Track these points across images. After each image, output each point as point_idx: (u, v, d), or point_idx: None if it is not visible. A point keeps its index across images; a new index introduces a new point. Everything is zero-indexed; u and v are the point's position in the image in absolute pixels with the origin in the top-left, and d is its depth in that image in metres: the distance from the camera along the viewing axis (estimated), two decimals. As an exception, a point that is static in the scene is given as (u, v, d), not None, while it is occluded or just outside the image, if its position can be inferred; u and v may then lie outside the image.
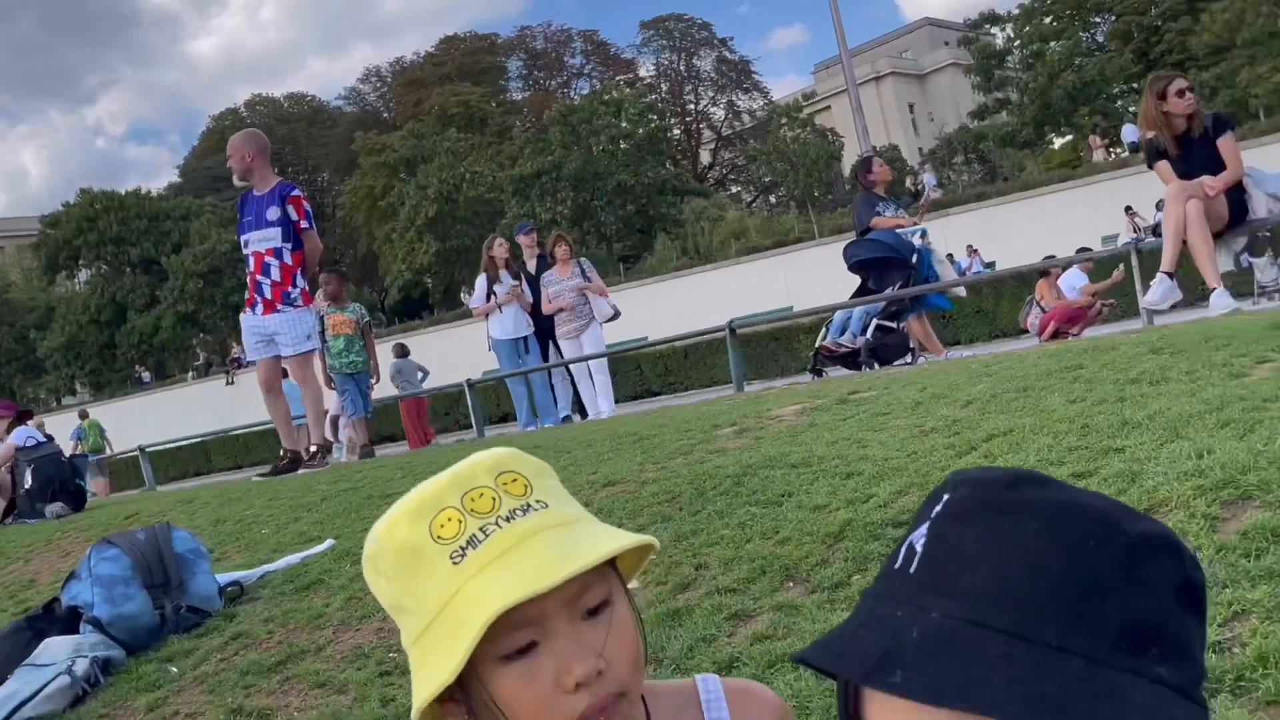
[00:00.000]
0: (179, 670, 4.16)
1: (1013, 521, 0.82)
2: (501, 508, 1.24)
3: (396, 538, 1.26)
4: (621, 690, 1.24)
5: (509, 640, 1.20)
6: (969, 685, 0.75)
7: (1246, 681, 1.96)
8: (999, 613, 0.78)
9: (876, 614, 0.84)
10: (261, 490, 7.88)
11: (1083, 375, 4.57)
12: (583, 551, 1.20)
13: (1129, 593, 0.79)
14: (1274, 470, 2.64)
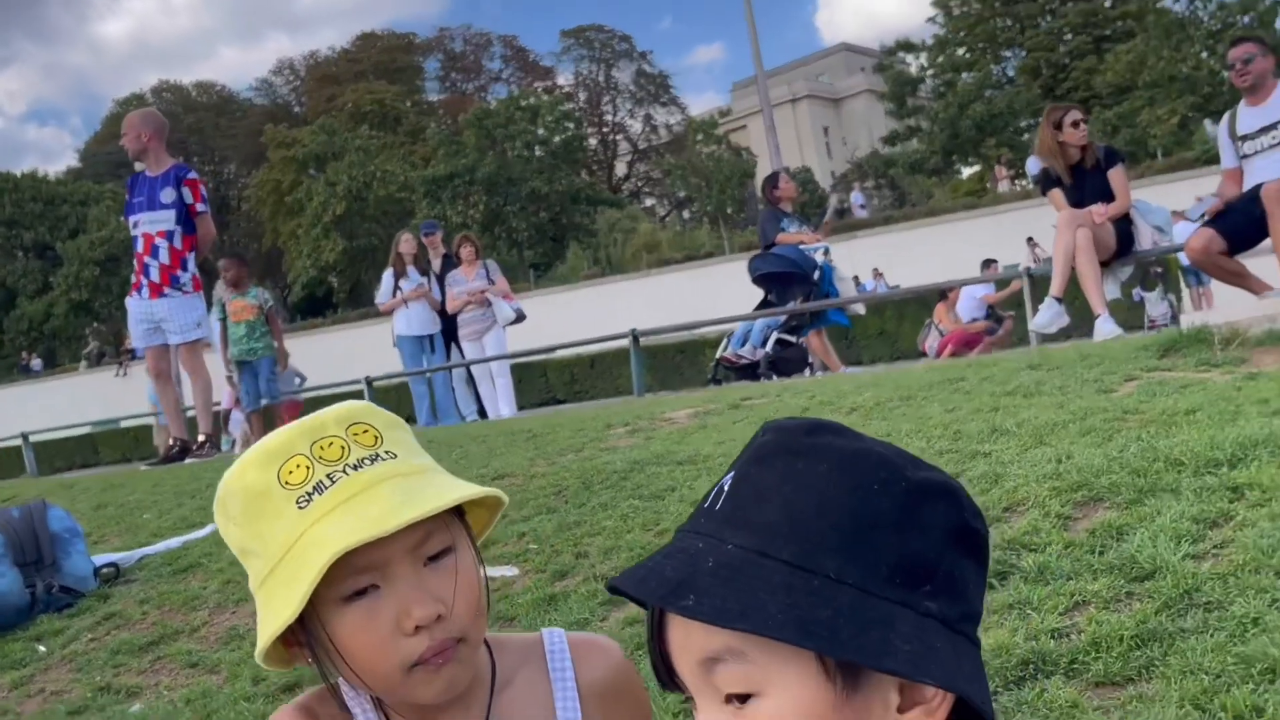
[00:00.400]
0: (48, 649, 4.08)
1: (806, 464, 0.89)
2: (350, 456, 1.27)
3: (245, 482, 1.28)
4: (461, 635, 1.28)
5: (350, 582, 1.23)
6: (749, 609, 0.82)
7: (1079, 664, 2.06)
8: (785, 545, 0.85)
9: (680, 546, 0.90)
10: (146, 478, 7.73)
11: (963, 387, 4.72)
12: (427, 499, 1.24)
13: (905, 532, 0.86)
14: (1125, 474, 2.77)
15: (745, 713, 0.86)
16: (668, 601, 0.86)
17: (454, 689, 1.31)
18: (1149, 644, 2.04)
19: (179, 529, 5.29)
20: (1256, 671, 1.85)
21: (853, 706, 0.85)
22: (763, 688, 0.85)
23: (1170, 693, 1.87)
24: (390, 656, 1.25)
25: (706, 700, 0.89)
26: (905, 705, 0.87)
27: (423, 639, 1.25)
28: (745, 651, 0.85)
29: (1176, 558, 2.29)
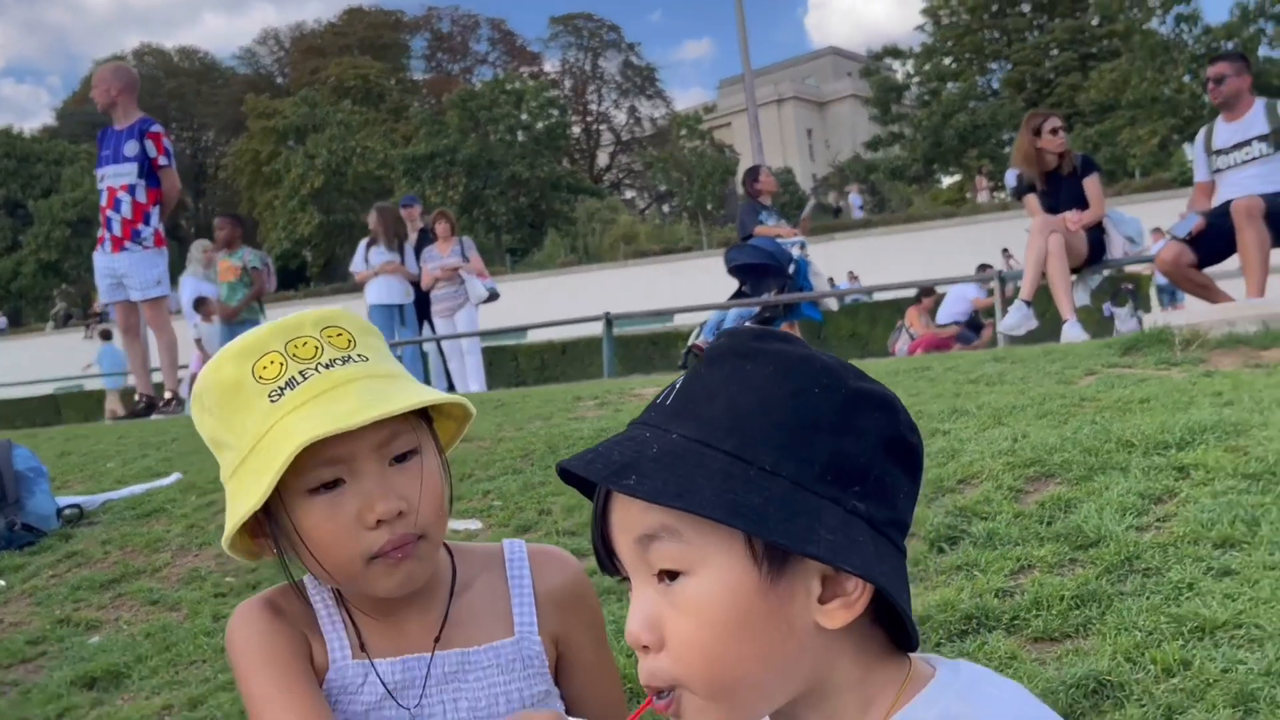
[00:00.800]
0: (8, 583, 4.09)
1: (754, 366, 0.95)
2: (323, 356, 1.33)
3: (221, 375, 1.34)
4: (422, 533, 1.34)
5: (317, 474, 1.29)
6: (686, 490, 0.89)
7: (1020, 620, 2.13)
8: (726, 437, 0.92)
9: (629, 435, 0.97)
10: (111, 431, 7.73)
11: (928, 375, 4.80)
12: (395, 399, 1.30)
13: (841, 435, 0.93)
14: (1078, 453, 2.85)
15: (674, 590, 0.93)
16: (612, 480, 0.92)
17: (411, 584, 1.36)
18: (1088, 604, 2.12)
19: (143, 478, 5.31)
20: (1187, 630, 1.92)
21: (776, 592, 0.91)
22: (693, 566, 0.91)
23: (1104, 647, 1.94)
24: (351, 547, 1.31)
25: (641, 578, 0.95)
26: (826, 596, 0.93)
27: (383, 533, 1.31)
28: (680, 531, 0.91)
29: (1120, 528, 2.37)
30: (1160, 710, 1.72)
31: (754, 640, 0.92)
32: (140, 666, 3.04)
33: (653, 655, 0.95)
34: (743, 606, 0.91)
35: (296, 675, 1.37)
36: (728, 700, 0.94)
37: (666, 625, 0.93)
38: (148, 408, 8.55)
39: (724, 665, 0.92)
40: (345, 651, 1.41)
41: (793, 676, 0.95)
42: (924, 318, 16.48)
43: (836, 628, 0.93)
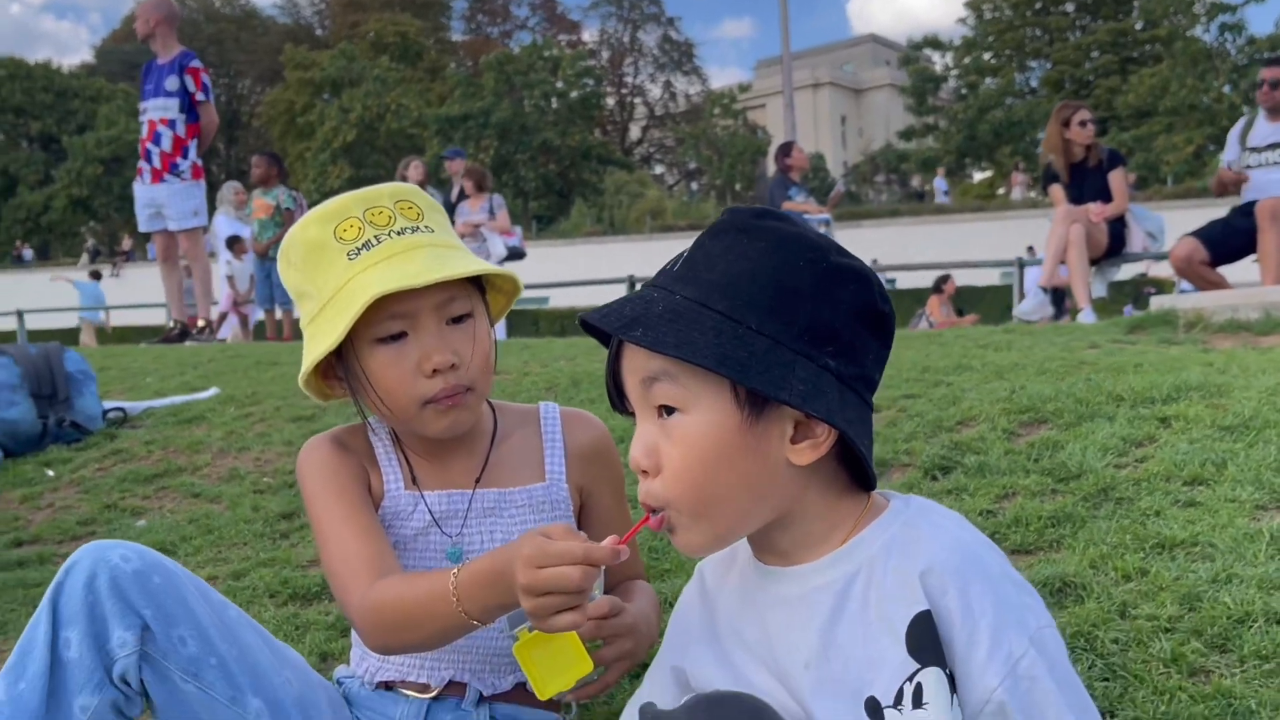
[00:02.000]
0: (56, 474, 4.34)
1: (750, 239, 1.17)
2: (395, 224, 1.56)
3: (307, 234, 1.57)
4: (470, 386, 1.56)
5: (384, 326, 1.52)
6: (684, 342, 1.11)
7: (999, 536, 2.34)
8: (720, 299, 1.14)
9: (640, 295, 1.19)
10: (147, 352, 7.99)
11: (939, 341, 5.00)
12: (455, 265, 1.53)
13: (819, 303, 1.15)
14: (1070, 402, 3.05)
15: (670, 424, 1.15)
16: (622, 331, 1.14)
17: (458, 428, 1.59)
18: (1062, 524, 2.32)
19: (181, 392, 5.55)
20: (1148, 545, 2.13)
21: (754, 431, 1.13)
22: (687, 405, 1.14)
23: (1072, 558, 2.15)
24: (409, 392, 1.54)
25: (643, 413, 1.18)
26: (797, 438, 1.15)
27: (437, 381, 1.53)
28: (677, 375, 1.14)
29: (1101, 465, 2.57)
30: (1116, 606, 1.92)
31: (733, 470, 1.14)
32: (185, 545, 3.27)
33: (650, 479, 1.17)
34: (725, 441, 1.13)
35: (355, 498, 1.60)
36: (708, 519, 1.15)
37: (662, 454, 1.15)
38: (181, 334, 8.81)
39: (707, 489, 1.14)
40: (399, 484, 1.64)
41: (766, 504, 1.16)
42: (944, 306, 16.63)
43: (804, 464, 1.15)
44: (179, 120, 8.30)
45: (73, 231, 58.36)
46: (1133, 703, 1.66)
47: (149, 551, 1.55)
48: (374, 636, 1.47)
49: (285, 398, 4.94)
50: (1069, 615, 1.92)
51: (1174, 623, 1.84)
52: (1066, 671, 1.09)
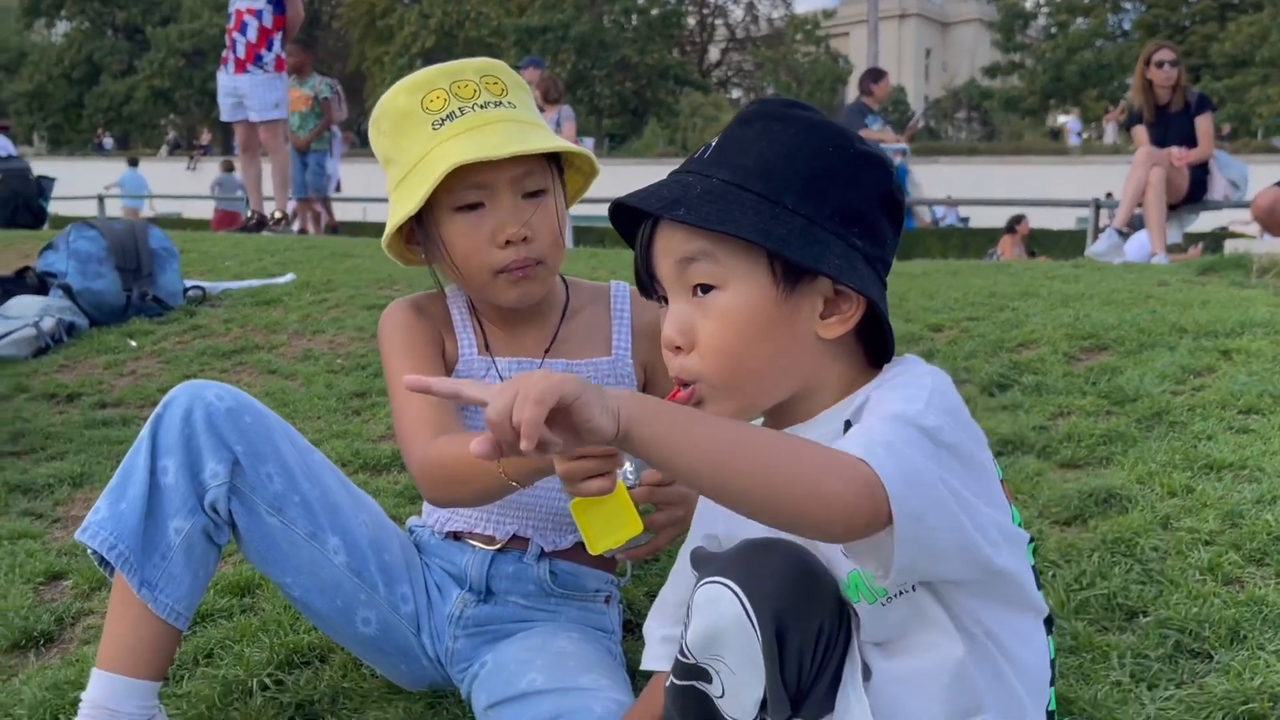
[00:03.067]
0: (139, 344, 4.51)
1: (781, 126, 1.23)
2: (480, 97, 1.62)
3: (396, 103, 1.64)
4: (540, 259, 1.63)
5: (462, 195, 1.60)
6: (726, 219, 1.17)
7: (1050, 449, 2.40)
8: (757, 181, 1.20)
9: (676, 178, 1.25)
10: (226, 238, 8.17)
11: (1009, 271, 5.00)
12: (533, 141, 1.60)
13: (847, 186, 1.21)
14: (1133, 331, 3.07)
15: (706, 301, 1.21)
16: (664, 210, 1.19)
17: (528, 299, 1.67)
18: (1114, 442, 2.37)
19: (259, 276, 5.70)
20: (1196, 466, 2.18)
21: (788, 306, 1.19)
22: (724, 282, 1.20)
23: (1120, 473, 2.20)
24: (483, 260, 1.61)
25: (677, 294, 1.23)
26: (826, 314, 1.21)
27: (510, 252, 1.61)
28: (715, 254, 1.19)
29: (1158, 390, 2.61)
30: (1158, 518, 1.98)
31: (766, 344, 1.20)
32: (261, 415, 3.41)
33: (683, 355, 1.22)
34: (761, 315, 1.19)
35: (425, 360, 1.68)
36: (739, 391, 1.21)
37: (697, 329, 1.20)
38: (259, 224, 8.97)
39: (740, 362, 1.20)
40: (473, 349, 1.72)
41: (792, 377, 1.23)
42: (1017, 247, 16.42)
43: (832, 339, 1.21)
44: (266, 11, 8.37)
45: (153, 123, 58.98)
46: (1166, 604, 1.72)
47: (241, 393, 1.66)
48: (429, 490, 1.56)
49: (359, 287, 5.06)
50: (1111, 524, 1.98)
51: (1214, 536, 1.90)
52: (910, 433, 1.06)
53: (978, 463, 1.12)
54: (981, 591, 1.13)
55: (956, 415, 1.11)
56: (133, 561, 1.55)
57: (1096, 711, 1.46)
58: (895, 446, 1.02)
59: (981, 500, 1.09)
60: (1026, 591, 1.18)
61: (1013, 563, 1.13)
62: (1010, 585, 1.15)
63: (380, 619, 1.67)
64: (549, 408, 0.98)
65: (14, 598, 2.35)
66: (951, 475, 1.05)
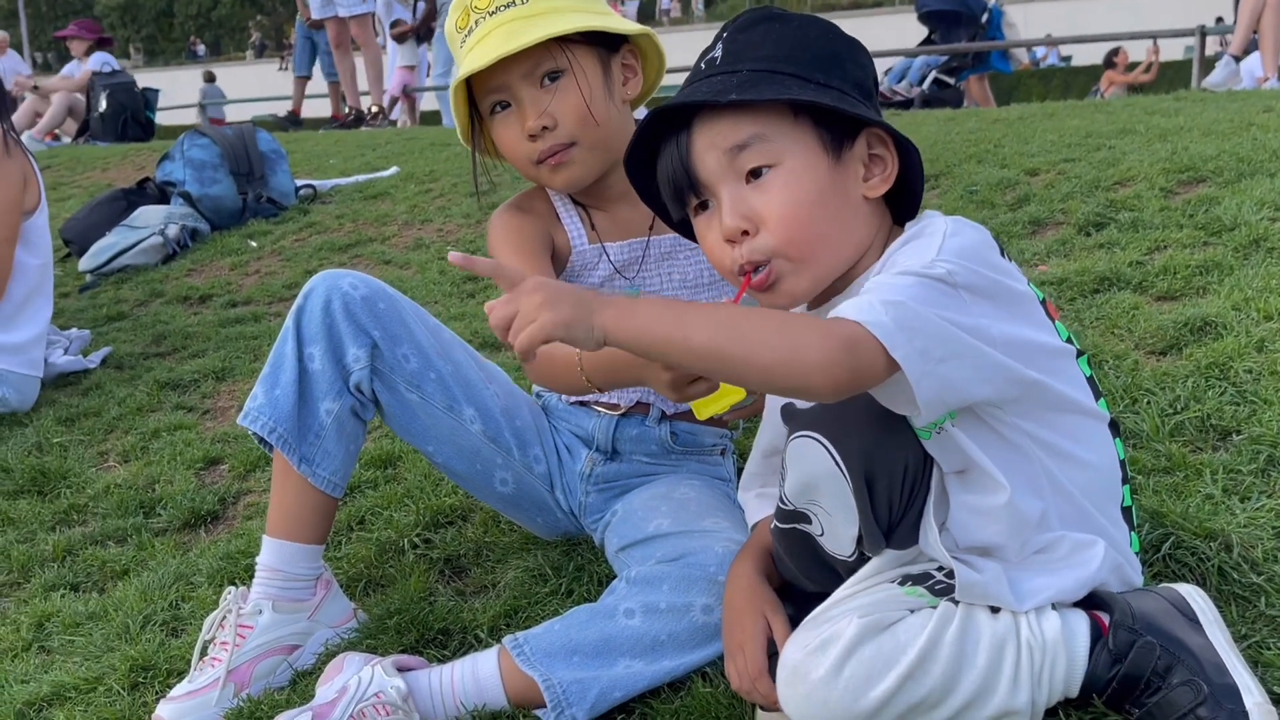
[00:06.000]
0: (259, 245, 4.72)
1: (781, 23, 1.33)
2: (493, 4, 1.67)
3: (447, 28, 1.74)
4: (571, 141, 1.69)
5: (488, 100, 1.72)
6: (780, 92, 1.25)
7: (1147, 283, 2.44)
8: (786, 64, 1.29)
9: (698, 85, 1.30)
10: (327, 136, 8.35)
11: (1107, 109, 4.91)
12: (523, 37, 1.61)
13: (855, 66, 1.33)
14: (1232, 160, 3.05)
15: (765, 181, 1.28)
16: (716, 99, 1.25)
17: (576, 183, 1.74)
18: (1210, 272, 2.40)
19: (364, 171, 5.87)
20: (1294, 289, 2.20)
21: (839, 171, 1.29)
22: (780, 158, 1.28)
23: (1216, 301, 2.24)
24: (522, 153, 1.72)
25: (730, 184, 1.28)
26: (867, 175, 1.29)
27: (539, 143, 1.69)
28: (766, 134, 1.27)
29: (1256, 218, 2.61)
30: (1253, 341, 2.02)
31: (828, 208, 1.28)
32: (382, 304, 3.59)
33: (750, 239, 1.28)
34: (820, 181, 1.28)
35: (530, 254, 1.74)
36: (813, 259, 1.28)
37: (761, 209, 1.27)
38: (357, 119, 9.14)
39: (811, 228, 1.27)
40: (583, 238, 1.81)
41: (854, 239, 1.31)
42: (1117, 87, 15.82)
43: (877, 196, 1.30)
44: None
45: (241, 26, 59.42)
46: (1259, 422, 1.79)
47: (374, 280, 1.80)
48: (532, 379, 1.68)
49: (461, 175, 5.20)
50: (1206, 350, 2.03)
51: (1311, 356, 1.94)
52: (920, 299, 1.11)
53: (1007, 290, 1.19)
54: (1024, 406, 1.22)
55: (974, 254, 1.18)
56: (291, 441, 1.71)
57: (1188, 523, 1.54)
58: (890, 300, 1.10)
59: (1019, 323, 1.19)
60: (1074, 397, 1.26)
61: (1050, 374, 1.22)
62: (1050, 393, 1.22)
63: (516, 479, 1.83)
64: (535, 347, 1.15)
65: (179, 483, 2.58)
66: (973, 310, 1.13)
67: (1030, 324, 1.23)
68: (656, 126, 1.33)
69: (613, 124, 1.71)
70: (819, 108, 1.25)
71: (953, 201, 3.38)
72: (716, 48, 1.33)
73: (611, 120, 1.71)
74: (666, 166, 1.33)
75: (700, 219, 1.34)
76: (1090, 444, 1.29)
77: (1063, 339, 1.28)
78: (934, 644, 1.17)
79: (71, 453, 2.91)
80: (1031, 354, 1.20)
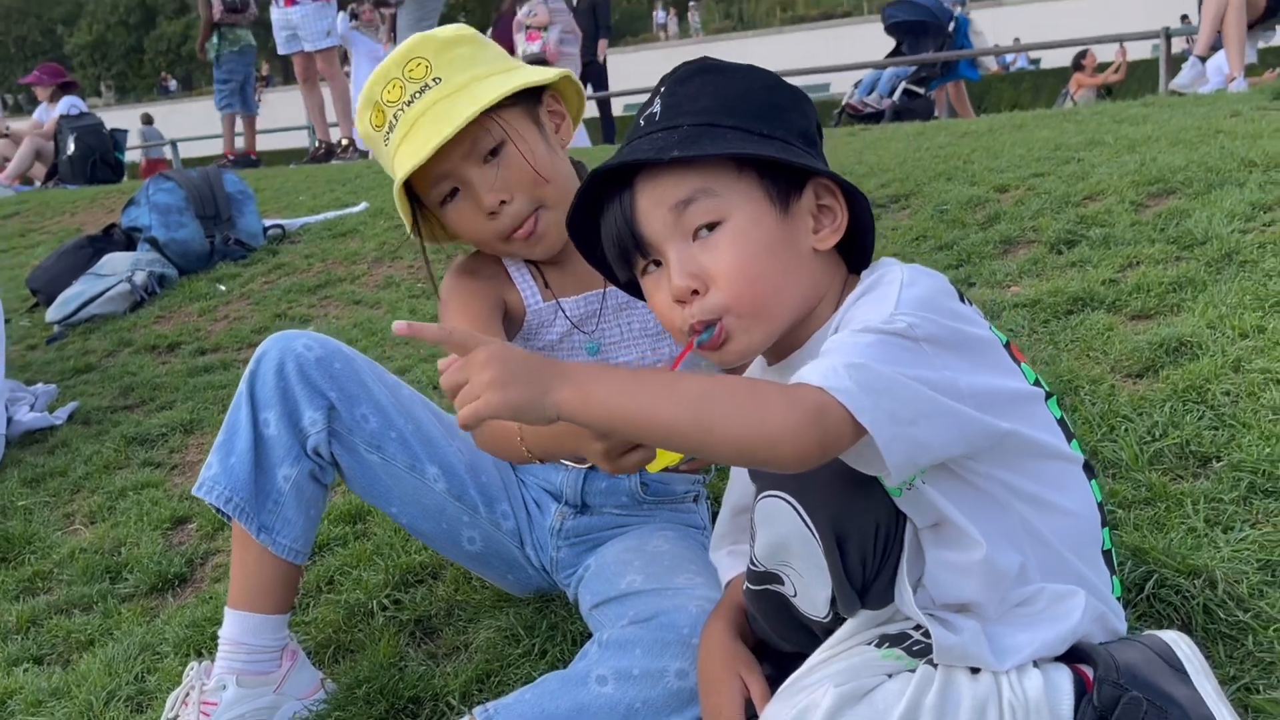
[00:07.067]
0: (227, 289, 4.67)
1: (718, 75, 1.29)
2: (405, 94, 1.61)
3: (362, 130, 1.69)
4: (537, 205, 1.65)
5: (437, 192, 1.64)
6: (725, 147, 1.21)
7: (1120, 302, 2.41)
8: (726, 118, 1.25)
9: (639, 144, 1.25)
10: (298, 172, 8.30)
11: (1076, 119, 4.91)
12: (453, 119, 1.54)
13: (798, 114, 1.29)
14: (1200, 171, 3.03)
15: (713, 237, 1.23)
16: (658, 157, 1.21)
17: (554, 248, 1.69)
18: (1184, 289, 2.38)
19: (334, 207, 5.82)
20: (1268, 305, 2.18)
21: (787, 223, 1.25)
22: (726, 214, 1.23)
23: (1190, 319, 2.21)
24: (487, 233, 1.66)
25: (677, 242, 1.24)
26: (817, 228, 1.25)
27: (503, 218, 1.63)
28: (711, 188, 1.23)
29: (1227, 230, 2.59)
30: (1229, 361, 1.99)
31: (778, 261, 1.23)
32: (352, 347, 3.53)
33: (700, 298, 1.23)
34: (769, 235, 1.23)
35: (481, 318, 1.68)
36: (765, 314, 1.23)
37: (710, 267, 1.22)
38: (327, 153, 9.10)
39: (762, 282, 1.22)
40: (536, 297, 1.75)
41: (805, 292, 1.27)
42: (1086, 90, 15.91)
43: (827, 249, 1.26)
44: None
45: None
46: (1239, 447, 1.75)
47: (328, 340, 1.76)
48: (477, 444, 1.62)
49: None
50: (1182, 372, 2.00)
51: (1286, 375, 1.91)
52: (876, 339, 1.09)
53: (969, 339, 1.16)
54: (998, 456, 1.17)
55: (933, 304, 1.14)
56: (248, 510, 1.66)
57: (1171, 559, 1.51)
58: (853, 363, 1.06)
59: (985, 371, 1.15)
60: (1047, 442, 1.22)
61: (1022, 421, 1.18)
62: (1024, 441, 1.18)
63: (484, 537, 1.78)
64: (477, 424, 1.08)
65: (146, 544, 2.52)
66: (936, 363, 1.09)
67: (997, 371, 1.19)
68: (598, 188, 1.28)
69: (560, 175, 1.67)
70: (763, 160, 1.21)
71: (923, 221, 3.35)
72: (655, 103, 1.28)
73: (559, 172, 1.67)
74: (611, 228, 1.28)
75: (649, 279, 1.29)
76: (1067, 490, 1.25)
77: (1030, 382, 1.24)
78: (913, 711, 1.13)
79: (37, 516, 2.85)
80: (1001, 403, 1.16)
